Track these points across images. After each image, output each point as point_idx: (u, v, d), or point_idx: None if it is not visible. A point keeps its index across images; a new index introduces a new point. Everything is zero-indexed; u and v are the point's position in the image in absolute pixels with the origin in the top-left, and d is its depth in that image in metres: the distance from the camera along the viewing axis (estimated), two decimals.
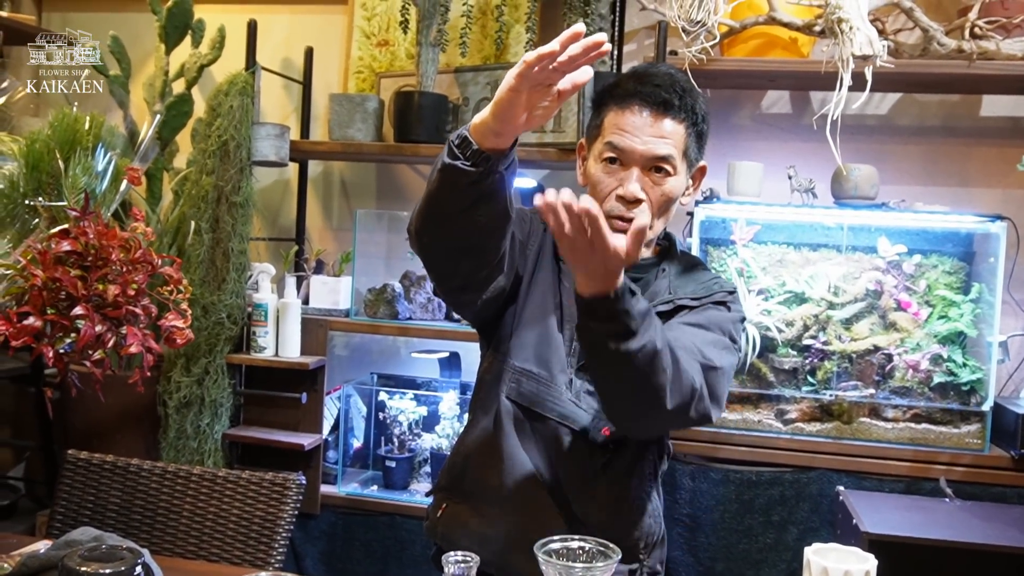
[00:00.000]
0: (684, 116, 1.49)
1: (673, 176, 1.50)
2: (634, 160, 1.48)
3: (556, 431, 1.54)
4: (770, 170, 2.55)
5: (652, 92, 1.48)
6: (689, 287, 1.58)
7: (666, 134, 1.48)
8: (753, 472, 2.40)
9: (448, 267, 1.46)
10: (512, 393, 1.56)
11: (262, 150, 2.67)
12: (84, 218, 1.69)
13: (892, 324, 2.46)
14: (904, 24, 2.45)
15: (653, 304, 1.52)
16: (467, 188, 1.30)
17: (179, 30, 2.87)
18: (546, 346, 1.56)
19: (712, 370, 1.43)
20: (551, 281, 1.60)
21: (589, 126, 1.58)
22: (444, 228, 1.38)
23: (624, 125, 1.49)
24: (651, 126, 1.48)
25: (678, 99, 1.48)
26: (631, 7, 2.75)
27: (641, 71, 1.53)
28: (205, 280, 2.61)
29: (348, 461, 2.86)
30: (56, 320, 1.59)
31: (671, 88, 1.48)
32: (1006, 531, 2.02)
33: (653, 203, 1.50)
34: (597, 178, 1.52)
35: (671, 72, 1.53)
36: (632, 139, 1.48)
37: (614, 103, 1.51)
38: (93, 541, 1.41)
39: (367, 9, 3.00)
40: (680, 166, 1.51)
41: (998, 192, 2.65)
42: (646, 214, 1.49)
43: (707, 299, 1.56)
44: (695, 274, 1.62)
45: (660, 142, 1.48)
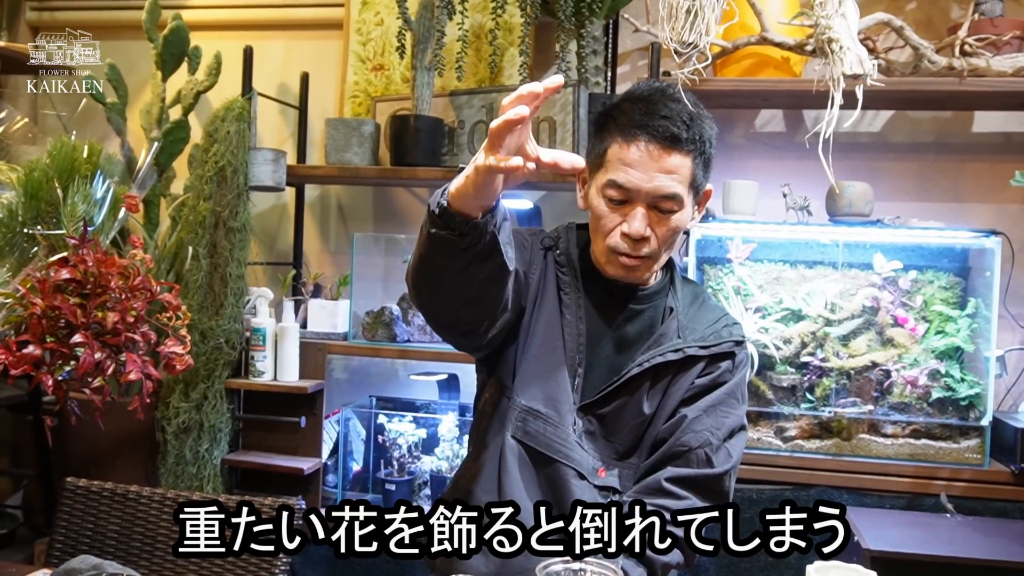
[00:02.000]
0: (692, 148, 1.44)
1: (680, 211, 1.46)
2: (640, 198, 1.43)
3: (563, 474, 1.49)
4: (765, 188, 2.57)
5: (660, 126, 1.41)
6: (699, 331, 1.54)
7: (674, 169, 1.42)
8: (753, 490, 2.40)
9: (450, 317, 1.43)
10: (518, 433, 1.51)
11: (259, 175, 2.68)
12: (83, 246, 1.69)
13: (889, 340, 2.46)
14: (895, 42, 2.47)
15: (662, 351, 1.50)
16: (460, 253, 1.26)
17: (176, 57, 2.89)
18: (554, 384, 1.52)
19: (717, 477, 1.47)
20: (554, 312, 1.55)
21: (591, 152, 1.52)
22: (442, 285, 1.34)
23: (629, 161, 1.42)
24: (658, 162, 1.42)
25: (686, 131, 1.42)
26: (624, 29, 2.77)
27: (646, 96, 1.47)
28: (203, 305, 2.61)
29: (348, 485, 2.85)
30: (55, 348, 1.60)
31: (679, 120, 1.42)
32: (1008, 546, 2.02)
33: (659, 239, 1.46)
34: (601, 212, 1.47)
35: (678, 99, 1.47)
36: (638, 177, 1.42)
37: (619, 134, 1.45)
38: (92, 569, 1.41)
39: (362, 34, 3.02)
40: (687, 200, 1.46)
41: (992, 207, 2.67)
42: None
43: (715, 347, 1.52)
44: (702, 313, 1.58)
45: (667, 179, 1.42)
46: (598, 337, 1.55)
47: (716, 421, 1.49)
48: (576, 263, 1.58)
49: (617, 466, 1.53)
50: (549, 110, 2.54)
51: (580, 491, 1.48)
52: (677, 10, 2.26)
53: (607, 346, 1.55)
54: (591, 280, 1.57)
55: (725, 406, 1.52)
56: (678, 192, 1.43)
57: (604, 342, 1.55)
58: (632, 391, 1.52)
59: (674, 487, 1.45)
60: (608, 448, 1.53)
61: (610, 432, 1.53)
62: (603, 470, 1.51)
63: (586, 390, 1.53)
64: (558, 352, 1.53)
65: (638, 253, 1.46)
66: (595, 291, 1.57)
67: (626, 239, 1.45)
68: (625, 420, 1.53)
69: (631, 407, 1.52)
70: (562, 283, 1.57)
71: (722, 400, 1.52)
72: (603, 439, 1.53)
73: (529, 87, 1.12)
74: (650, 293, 1.58)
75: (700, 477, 1.47)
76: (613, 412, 1.52)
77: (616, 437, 1.53)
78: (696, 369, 1.53)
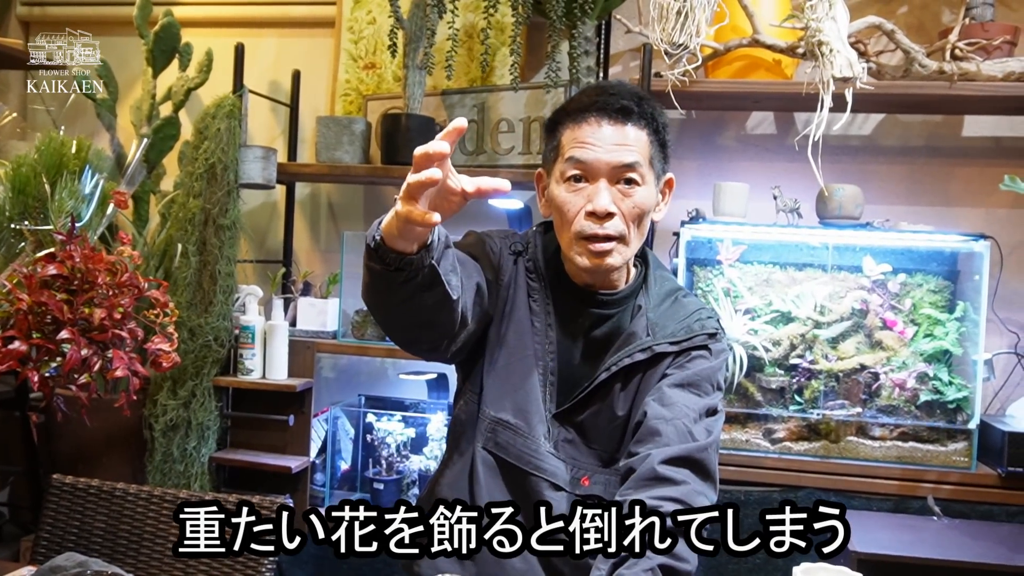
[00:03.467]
0: (645, 123, 1.43)
1: (642, 186, 1.43)
2: (600, 172, 1.41)
3: (535, 485, 1.46)
4: (755, 190, 2.57)
5: (609, 100, 1.42)
6: (669, 327, 1.49)
7: (629, 141, 1.41)
8: (741, 492, 2.40)
9: (408, 338, 1.42)
10: (489, 444, 1.50)
11: (249, 172, 2.67)
12: (70, 242, 1.68)
13: (878, 343, 2.47)
14: (886, 46, 2.48)
15: (629, 352, 1.46)
16: (400, 287, 1.24)
17: (166, 54, 2.88)
18: (524, 394, 1.49)
19: (703, 450, 1.38)
20: (524, 320, 1.52)
21: (545, 152, 1.51)
22: (391, 312, 1.33)
23: (584, 138, 1.42)
24: (613, 134, 1.41)
25: (636, 105, 1.42)
26: (616, 30, 2.77)
27: (594, 86, 1.51)
28: (192, 303, 2.60)
29: (336, 483, 2.84)
30: (42, 344, 1.59)
31: (626, 96, 1.43)
32: (994, 549, 2.03)
33: (626, 215, 1.43)
34: (562, 199, 1.44)
35: (625, 83, 1.50)
36: (595, 149, 1.41)
37: (569, 119, 1.45)
38: (78, 567, 1.41)
39: (354, 32, 3.02)
40: (648, 175, 1.44)
41: (981, 211, 2.68)
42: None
43: (686, 342, 1.48)
44: (674, 308, 1.53)
45: (624, 150, 1.41)
46: (569, 344, 1.52)
47: (689, 399, 1.43)
48: (543, 269, 1.55)
49: (603, 473, 1.49)
50: (541, 110, 2.54)
51: (555, 502, 1.45)
52: (668, 11, 2.26)
53: (578, 352, 1.52)
54: (560, 286, 1.54)
55: (698, 388, 1.46)
56: (637, 159, 1.42)
57: (575, 348, 1.53)
58: (604, 396, 1.48)
59: (669, 470, 1.36)
60: (591, 455, 1.50)
61: (589, 439, 1.50)
62: (587, 479, 1.48)
63: (560, 398, 1.50)
64: (528, 361, 1.50)
65: (606, 232, 1.42)
66: (564, 297, 1.54)
67: (591, 217, 1.42)
68: (602, 426, 1.50)
69: (605, 412, 1.49)
70: (531, 290, 1.54)
71: (695, 382, 1.46)
72: (584, 447, 1.50)
73: (436, 146, 1.11)
74: (621, 297, 1.53)
75: (687, 452, 1.38)
76: (589, 419, 1.49)
77: (596, 444, 1.50)
78: (666, 363, 1.48)
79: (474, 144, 2.70)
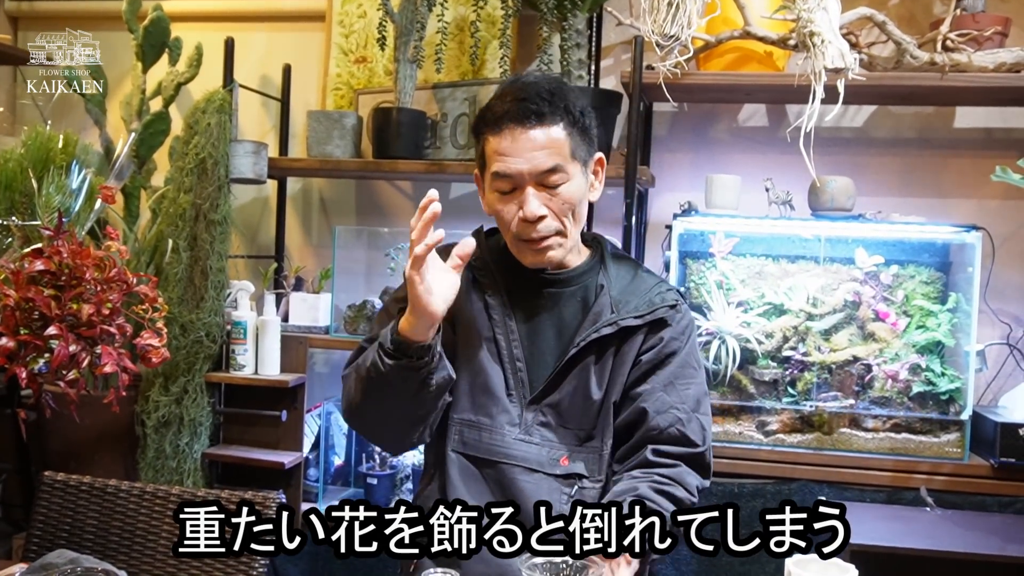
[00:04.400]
0: (559, 119, 1.47)
1: (568, 181, 1.49)
2: (525, 181, 1.47)
3: (508, 472, 1.52)
4: (748, 183, 2.57)
5: (520, 108, 1.46)
6: (632, 302, 1.56)
7: (546, 144, 1.46)
8: (735, 484, 2.40)
9: (399, 441, 1.57)
10: (457, 446, 1.56)
11: (240, 167, 2.66)
12: (58, 237, 1.68)
13: (870, 335, 2.47)
14: (877, 37, 2.48)
15: (596, 328, 1.53)
16: (417, 376, 1.41)
17: (156, 48, 2.87)
18: (481, 390, 1.55)
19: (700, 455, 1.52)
20: (477, 315, 1.58)
21: (476, 156, 1.57)
22: (394, 413, 1.48)
23: (504, 149, 1.47)
24: (529, 141, 1.46)
25: (547, 105, 1.47)
26: (608, 22, 2.76)
27: (506, 88, 1.52)
28: (183, 298, 2.59)
29: (329, 479, 2.84)
30: (29, 340, 1.58)
31: (537, 97, 1.47)
32: (987, 539, 2.03)
33: (557, 212, 1.49)
34: (497, 208, 1.52)
35: (536, 81, 1.51)
36: (515, 161, 1.46)
37: (488, 129, 1.50)
38: (69, 564, 1.40)
39: (345, 26, 3.01)
40: (572, 168, 1.49)
41: (973, 203, 2.68)
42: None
43: (650, 315, 1.54)
44: (635, 284, 1.60)
45: (542, 154, 1.46)
46: (535, 328, 1.58)
47: (679, 396, 1.53)
48: (493, 264, 1.61)
49: (581, 451, 1.55)
50: None
51: (532, 484, 1.51)
52: (658, 3, 2.25)
53: (547, 335, 1.58)
54: (514, 275, 1.59)
55: (683, 378, 1.55)
56: (557, 163, 1.47)
57: (543, 332, 1.58)
58: (577, 374, 1.54)
59: (661, 459, 1.49)
60: (568, 435, 1.55)
61: (565, 420, 1.55)
62: (566, 458, 1.53)
63: (533, 382, 1.56)
64: (488, 356, 1.56)
65: (541, 234, 1.49)
66: (521, 284, 1.59)
67: (525, 223, 1.49)
68: (576, 404, 1.55)
69: (579, 391, 1.54)
70: (483, 286, 1.60)
71: (677, 373, 1.54)
72: (560, 428, 1.55)
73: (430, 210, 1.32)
74: (577, 274, 1.60)
75: (681, 455, 1.51)
76: (564, 399, 1.55)
77: (572, 423, 1.56)
78: (637, 342, 1.55)
79: (465, 138, 2.69)
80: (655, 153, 2.82)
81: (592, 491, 1.54)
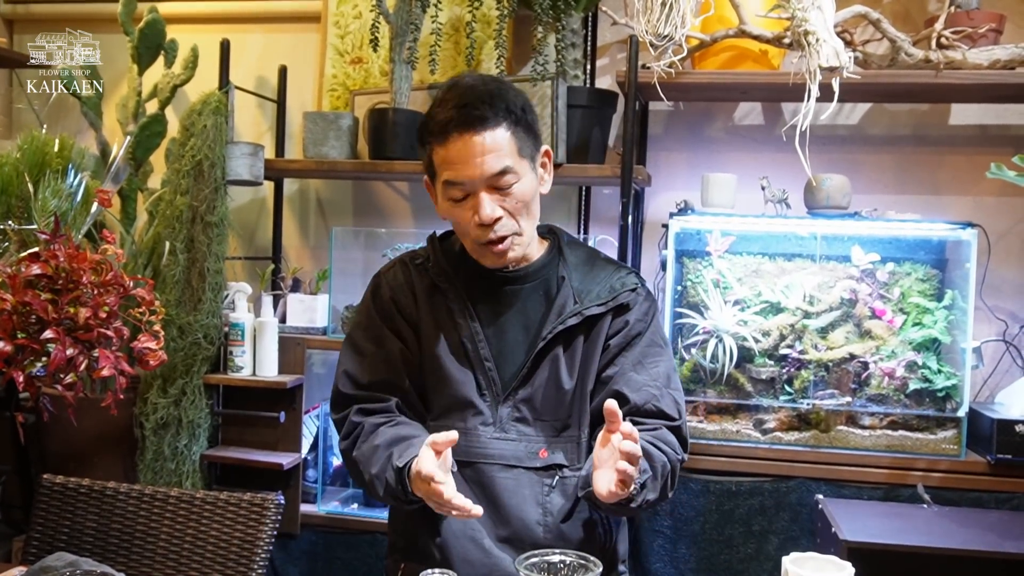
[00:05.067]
0: (502, 120, 1.48)
1: (519, 180, 1.51)
2: (476, 186, 1.49)
3: (486, 471, 1.56)
4: (744, 181, 2.57)
5: (462, 114, 1.47)
6: (593, 290, 1.59)
7: (493, 148, 1.47)
8: (733, 482, 2.41)
9: None
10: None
11: (236, 169, 2.66)
12: (54, 241, 1.68)
13: (867, 332, 2.47)
14: (872, 35, 2.48)
15: (562, 319, 1.56)
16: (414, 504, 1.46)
17: (152, 51, 2.87)
18: (451, 397, 1.58)
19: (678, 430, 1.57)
20: (441, 321, 1.60)
21: (424, 165, 1.58)
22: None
23: (452, 158, 1.48)
24: (476, 147, 1.47)
25: (489, 109, 1.48)
26: (603, 21, 2.77)
27: (446, 94, 1.52)
28: (181, 300, 2.59)
29: (328, 480, 2.84)
30: (27, 344, 1.58)
31: (478, 101, 1.47)
32: (984, 536, 2.04)
33: (512, 212, 1.52)
34: (452, 215, 1.54)
35: (473, 84, 1.52)
36: (465, 168, 1.48)
37: (434, 139, 1.51)
38: (68, 567, 1.41)
39: (340, 27, 3.01)
40: (521, 166, 1.51)
41: (969, 200, 2.68)
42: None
43: (612, 301, 1.58)
44: (594, 272, 1.63)
45: (491, 158, 1.47)
46: (501, 326, 1.60)
47: (649, 374, 1.57)
48: (450, 268, 1.62)
49: (558, 442, 1.58)
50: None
51: (512, 480, 1.56)
52: (653, 2, 2.26)
53: (513, 331, 1.60)
54: (473, 276, 1.62)
55: (651, 356, 1.59)
56: (506, 165, 1.49)
57: (509, 329, 1.60)
58: (547, 366, 1.57)
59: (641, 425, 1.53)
60: (545, 427, 1.58)
61: (540, 413, 1.58)
62: (544, 451, 1.57)
63: (505, 380, 1.59)
64: (456, 361, 1.58)
65: (499, 234, 1.51)
66: (481, 285, 1.62)
67: (481, 227, 1.51)
68: (550, 396, 1.57)
69: (551, 382, 1.57)
70: (443, 291, 1.61)
71: (645, 352, 1.59)
72: (537, 421, 1.58)
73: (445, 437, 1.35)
74: (536, 268, 1.62)
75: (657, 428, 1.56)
76: (536, 392, 1.57)
77: (547, 415, 1.58)
78: (603, 328, 1.59)
79: None
80: (651, 152, 2.82)
81: (573, 479, 1.57)
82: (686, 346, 2.51)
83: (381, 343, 1.62)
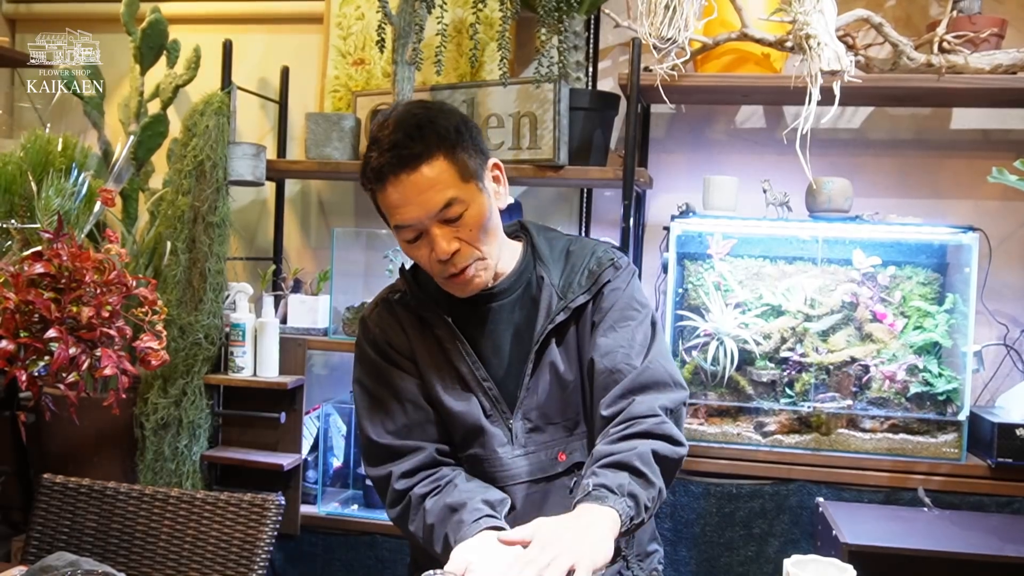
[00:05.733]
0: (434, 150, 1.42)
1: (468, 208, 1.45)
2: (425, 224, 1.44)
3: (516, 493, 1.53)
4: (745, 184, 2.57)
5: (393, 157, 1.41)
6: (574, 280, 1.56)
7: (432, 183, 1.42)
8: (733, 485, 2.41)
9: None
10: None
11: (238, 170, 2.66)
12: (57, 240, 1.68)
13: (868, 335, 2.47)
14: (874, 39, 2.48)
15: (551, 318, 1.53)
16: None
17: (154, 51, 2.87)
18: (461, 428, 1.55)
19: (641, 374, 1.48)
20: (434, 354, 1.57)
21: (376, 210, 1.54)
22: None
23: (394, 202, 1.44)
24: (414, 186, 1.42)
25: (419, 144, 1.41)
26: (605, 24, 2.77)
27: (375, 135, 1.45)
28: (182, 301, 2.59)
29: (328, 481, 2.84)
30: (29, 343, 1.58)
31: (406, 140, 1.41)
32: (984, 539, 2.04)
33: (469, 240, 1.46)
34: (412, 255, 1.50)
35: (400, 118, 1.45)
36: (409, 210, 1.43)
37: (374, 185, 1.46)
38: (68, 566, 1.41)
39: (343, 28, 3.01)
40: (467, 192, 1.45)
41: (970, 203, 2.68)
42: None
43: (595, 286, 1.55)
44: (572, 263, 1.59)
45: (432, 194, 1.42)
46: (493, 344, 1.57)
47: (623, 336, 1.52)
48: (430, 299, 1.59)
49: (573, 440, 1.57)
50: (530, 105, 2.54)
51: (539, 494, 1.54)
52: (656, 5, 2.26)
53: (506, 346, 1.57)
54: (454, 302, 1.57)
55: (625, 320, 1.54)
56: (450, 197, 1.43)
57: (501, 345, 1.57)
58: (547, 369, 1.55)
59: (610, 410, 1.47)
60: (557, 430, 1.56)
61: (550, 417, 1.56)
62: (562, 453, 1.55)
63: (508, 397, 1.56)
64: (458, 390, 1.55)
65: (460, 266, 1.47)
66: (463, 310, 1.57)
67: (440, 263, 1.47)
68: (555, 396, 1.55)
69: (554, 383, 1.55)
70: (427, 321, 1.58)
71: (620, 317, 1.54)
72: (548, 426, 1.56)
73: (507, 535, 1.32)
74: (514, 279, 1.59)
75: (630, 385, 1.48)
76: (542, 397, 1.55)
77: (557, 417, 1.56)
78: (588, 310, 1.56)
79: None
80: (653, 155, 2.83)
81: None
82: (687, 348, 2.52)
83: (393, 385, 1.58)
